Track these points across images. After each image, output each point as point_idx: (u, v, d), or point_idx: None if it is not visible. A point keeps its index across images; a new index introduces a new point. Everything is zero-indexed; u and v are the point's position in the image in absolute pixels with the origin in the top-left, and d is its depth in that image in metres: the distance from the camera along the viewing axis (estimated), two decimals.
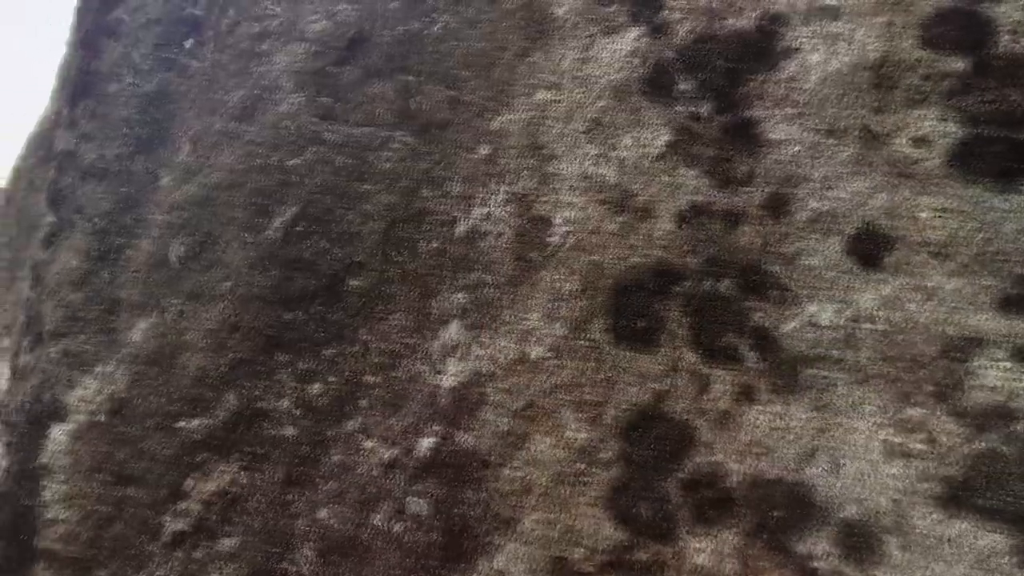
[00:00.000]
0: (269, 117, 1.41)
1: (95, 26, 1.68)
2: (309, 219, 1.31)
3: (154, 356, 1.27)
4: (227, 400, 1.21)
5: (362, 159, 1.35)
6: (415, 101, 1.38)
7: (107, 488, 1.20)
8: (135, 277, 1.36)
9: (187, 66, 1.58)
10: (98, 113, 1.58)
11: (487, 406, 1.11)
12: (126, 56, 1.62)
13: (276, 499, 1.14)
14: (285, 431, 1.17)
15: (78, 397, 1.28)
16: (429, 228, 1.28)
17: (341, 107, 1.41)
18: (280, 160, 1.36)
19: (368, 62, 1.43)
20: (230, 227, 1.33)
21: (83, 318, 1.34)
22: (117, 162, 1.51)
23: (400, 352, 1.20)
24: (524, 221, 1.23)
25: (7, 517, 1.22)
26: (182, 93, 1.55)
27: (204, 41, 1.59)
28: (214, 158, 1.41)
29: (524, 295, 1.17)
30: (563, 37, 1.35)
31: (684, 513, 0.99)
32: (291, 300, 1.27)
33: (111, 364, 1.28)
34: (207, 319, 1.27)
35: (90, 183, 1.51)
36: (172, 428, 1.21)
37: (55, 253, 1.47)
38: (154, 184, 1.46)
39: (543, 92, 1.33)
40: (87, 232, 1.45)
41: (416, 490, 1.09)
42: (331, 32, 1.47)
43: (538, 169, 1.27)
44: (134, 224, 1.43)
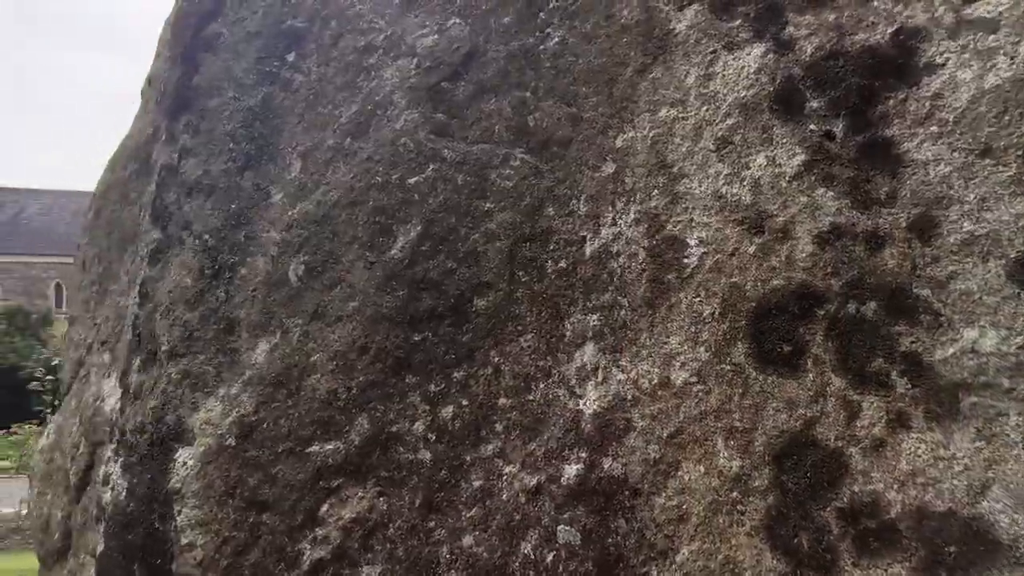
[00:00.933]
0: (385, 134, 1.27)
1: (193, 40, 1.52)
2: (433, 238, 1.17)
3: (280, 378, 1.12)
4: (360, 424, 1.07)
5: (483, 177, 1.22)
6: (533, 118, 1.25)
7: (241, 514, 1.06)
8: (253, 296, 1.22)
9: (291, 80, 1.43)
10: (201, 128, 1.43)
11: (634, 432, 0.99)
12: (227, 70, 1.46)
13: (417, 526, 1.02)
14: (421, 455, 1.05)
15: (203, 420, 1.13)
16: (556, 248, 1.15)
17: (457, 124, 1.28)
18: (400, 178, 1.21)
19: (482, 78, 1.30)
20: (352, 246, 1.19)
21: (201, 338, 1.20)
22: (224, 178, 1.36)
23: (534, 375, 1.08)
24: (657, 241, 1.11)
25: (139, 540, 1.09)
26: (287, 107, 1.40)
27: (307, 54, 1.43)
28: (329, 175, 1.28)
29: (662, 318, 1.05)
30: (685, 53, 1.21)
31: (847, 544, 0.88)
32: (419, 321, 1.13)
33: (235, 386, 1.14)
34: (334, 340, 1.14)
35: (197, 199, 1.37)
36: (304, 453, 1.06)
37: (164, 270, 1.33)
38: (265, 201, 1.32)
39: (667, 109, 1.20)
40: (197, 249, 1.31)
41: (566, 518, 0.97)
42: (443, 47, 1.33)
43: (668, 188, 1.15)
44: (246, 242, 1.29)
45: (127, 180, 1.49)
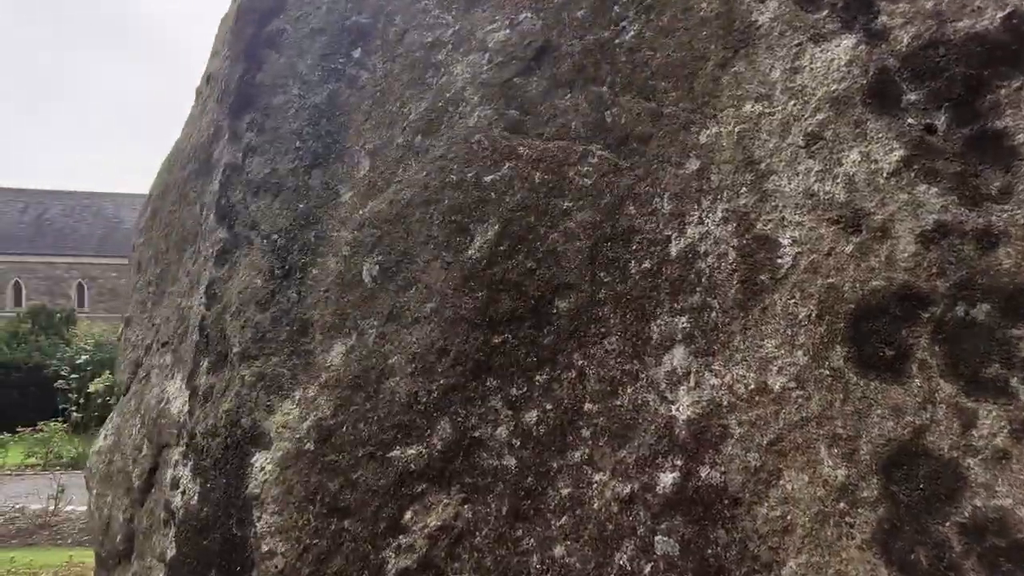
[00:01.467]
0: (458, 131, 1.24)
1: (255, 37, 1.50)
2: (511, 238, 1.13)
3: (358, 381, 1.09)
4: (441, 428, 1.04)
5: (561, 175, 1.18)
6: (610, 113, 1.21)
7: (322, 520, 1.03)
8: (325, 297, 1.19)
9: (356, 77, 1.40)
10: (266, 126, 1.41)
11: (731, 439, 0.95)
12: (291, 67, 1.44)
13: (505, 534, 0.98)
14: (505, 461, 1.01)
15: (280, 423, 1.10)
16: (639, 247, 1.11)
17: (531, 120, 1.24)
18: (476, 176, 1.18)
19: (556, 73, 1.26)
20: (428, 246, 1.16)
21: (274, 339, 1.17)
22: (292, 176, 1.34)
23: (620, 379, 1.04)
24: (747, 241, 1.06)
25: (216, 546, 1.07)
26: (353, 105, 1.38)
27: (372, 51, 1.40)
28: (401, 173, 1.24)
29: (755, 320, 1.00)
30: (769, 46, 1.17)
31: (972, 563, 0.82)
32: (498, 323, 1.09)
33: (312, 388, 1.11)
34: (412, 342, 1.10)
35: (264, 198, 1.34)
36: (386, 457, 1.03)
37: (232, 271, 1.30)
38: (335, 200, 1.29)
39: (752, 104, 1.15)
40: (266, 250, 1.28)
41: (662, 528, 0.93)
42: (515, 42, 1.29)
43: (756, 186, 1.10)
44: (317, 242, 1.26)
45: (185, 180, 1.47)
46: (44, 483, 14.12)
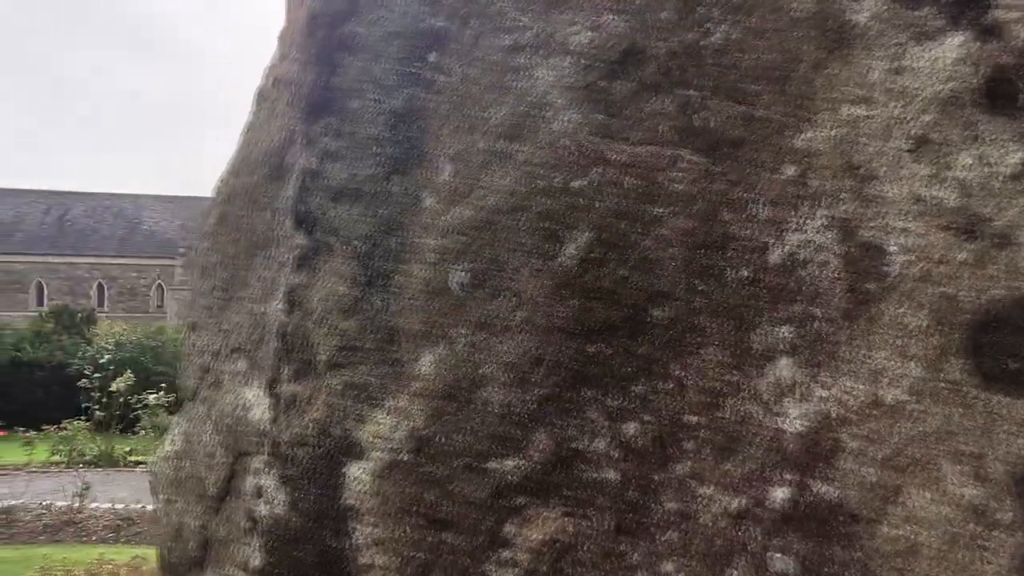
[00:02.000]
0: (543, 135, 1.22)
1: (328, 40, 1.48)
2: (603, 244, 1.10)
3: (450, 390, 1.07)
4: (538, 439, 1.02)
5: (651, 180, 1.15)
6: (699, 117, 1.18)
7: (420, 532, 1.00)
8: (412, 305, 1.18)
9: (433, 80, 1.38)
10: (343, 131, 1.40)
11: (845, 454, 0.92)
12: (367, 71, 1.42)
13: (609, 549, 0.96)
14: (606, 474, 0.99)
15: (372, 433, 1.07)
16: (735, 255, 1.09)
17: (618, 124, 1.22)
18: (564, 182, 1.16)
19: (642, 76, 1.23)
20: (517, 253, 1.14)
21: (361, 347, 1.16)
22: (371, 182, 1.32)
23: (722, 390, 1.01)
24: (851, 248, 1.03)
25: (311, 558, 1.05)
26: (432, 109, 1.36)
27: (449, 54, 1.39)
28: (485, 179, 1.23)
29: (863, 330, 0.97)
30: (867, 46, 1.13)
31: None
32: (593, 332, 1.07)
33: (402, 398, 1.09)
34: (504, 351, 1.08)
35: (343, 204, 1.33)
36: (483, 468, 1.01)
37: (313, 277, 1.29)
38: (416, 206, 1.27)
39: (850, 107, 1.12)
40: (348, 256, 1.27)
41: (777, 545, 0.91)
42: (599, 44, 1.27)
43: (858, 191, 1.07)
44: (400, 248, 1.24)
45: (256, 185, 1.46)
46: (68, 480, 14.31)
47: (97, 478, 12.80)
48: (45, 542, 10.00)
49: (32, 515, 11.01)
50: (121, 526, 10.54)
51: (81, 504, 11.19)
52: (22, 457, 13.94)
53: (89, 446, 15.10)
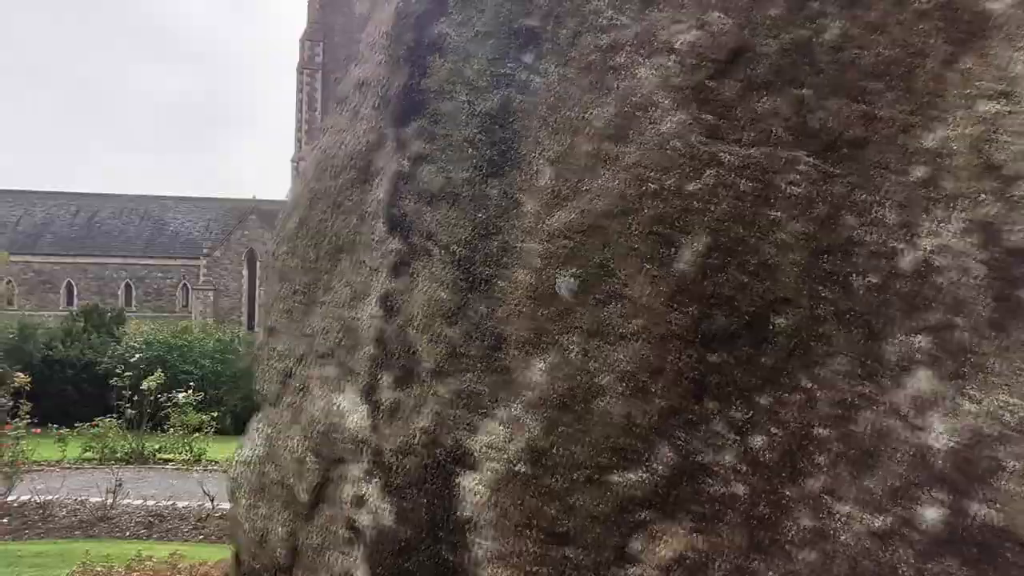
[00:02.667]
0: (650, 137, 1.18)
1: (416, 41, 1.46)
2: (720, 250, 1.06)
3: (564, 400, 1.04)
4: (662, 452, 0.98)
5: (767, 183, 1.11)
6: (815, 117, 1.14)
7: (541, 547, 0.96)
8: (518, 311, 1.15)
9: (528, 82, 1.35)
10: (436, 133, 1.37)
11: (1005, 473, 0.87)
12: (458, 72, 1.40)
13: (742, 567, 0.92)
14: (734, 488, 0.95)
15: (485, 443, 1.03)
16: (861, 260, 1.04)
17: (728, 125, 1.18)
18: (676, 185, 1.12)
19: (752, 75, 1.19)
20: (629, 258, 1.10)
21: (467, 355, 1.13)
22: (468, 186, 1.29)
23: (855, 403, 0.97)
24: (996, 254, 0.98)
25: (426, 571, 1.04)
26: (527, 111, 1.33)
27: (543, 54, 1.36)
28: (589, 182, 1.19)
29: (1017, 342, 0.93)
30: (1007, 36, 1.08)
31: None
32: (713, 340, 1.03)
33: (515, 407, 1.06)
34: (620, 360, 1.05)
35: (440, 208, 1.30)
36: (605, 482, 0.98)
37: (411, 283, 1.27)
38: (516, 209, 1.24)
39: (987, 103, 1.07)
40: (447, 261, 1.24)
41: (931, 569, 0.86)
42: (705, 43, 1.23)
43: (1000, 193, 1.02)
44: (501, 253, 1.21)
45: (340, 189, 1.44)
46: (101, 477, 14.56)
47: (128, 475, 13.01)
48: (80, 537, 10.18)
49: (67, 511, 11.22)
50: (153, 522, 10.70)
51: (114, 500, 11.38)
52: (56, 453, 14.21)
53: (120, 443, 15.36)
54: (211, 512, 10.81)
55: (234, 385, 22.87)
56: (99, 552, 8.93)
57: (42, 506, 11.07)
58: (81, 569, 5.37)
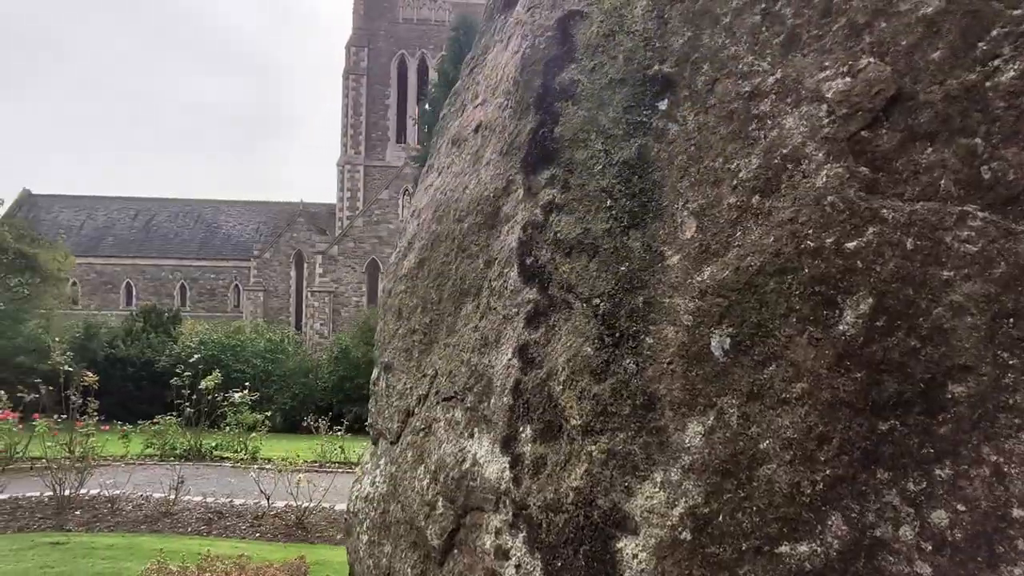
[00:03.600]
0: (804, 191, 1.16)
1: (546, 88, 1.47)
2: (888, 312, 1.04)
3: (726, 466, 1.02)
4: (834, 524, 0.96)
5: (936, 240, 1.07)
6: (988, 169, 1.09)
7: None
8: (669, 370, 1.14)
9: (664, 130, 1.34)
10: (571, 183, 1.38)
11: None
12: (592, 120, 1.39)
13: None
14: (918, 568, 0.91)
15: (644, 508, 1.01)
16: None
17: (887, 179, 1.14)
18: (836, 243, 1.09)
19: (913, 124, 1.15)
20: (788, 319, 1.08)
21: (617, 413, 1.13)
22: (607, 237, 1.29)
23: None
24: None
25: None
26: (665, 160, 1.32)
27: (680, 102, 1.34)
28: (740, 238, 1.18)
29: None
30: None
31: None
32: (882, 408, 1.00)
33: (673, 471, 1.05)
34: (784, 426, 1.03)
35: (578, 259, 1.30)
36: (775, 554, 0.95)
37: (550, 335, 1.27)
38: (660, 263, 1.23)
39: None
40: (589, 315, 1.24)
41: None
42: (859, 91, 1.19)
43: None
44: (647, 308, 1.21)
45: (464, 233, 1.45)
46: (162, 472, 15.10)
47: (187, 471, 13.46)
48: (146, 531, 10.60)
49: (133, 505, 11.70)
50: (212, 519, 11.06)
51: (176, 497, 11.80)
52: (120, 449, 14.81)
53: (179, 440, 15.94)
54: (266, 511, 11.12)
55: (284, 384, 23.48)
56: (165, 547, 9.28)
57: (110, 500, 11.57)
58: (156, 567, 5.59)
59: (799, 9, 1.19)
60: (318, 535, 10.42)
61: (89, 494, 11.68)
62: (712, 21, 1.27)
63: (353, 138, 45.80)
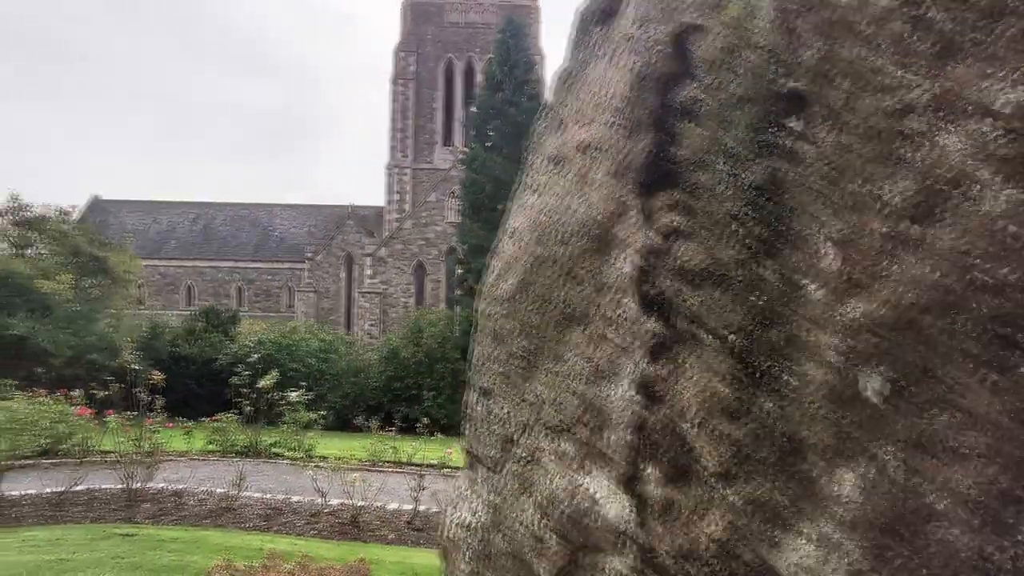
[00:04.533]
0: (970, 219, 1.06)
1: (663, 108, 1.40)
2: None
3: (890, 523, 0.93)
4: None
5: None
6: None
7: None
8: (816, 413, 1.06)
9: (796, 151, 1.26)
10: (694, 208, 1.31)
11: None
12: (714, 140, 1.33)
13: None
14: None
15: (793, 563, 0.93)
16: None
17: None
18: (1017, 277, 1.00)
19: None
20: (958, 361, 0.99)
21: (758, 459, 1.06)
22: (738, 267, 1.22)
23: None
24: None
25: None
26: (799, 184, 1.23)
27: (813, 120, 1.25)
28: (892, 269, 1.09)
29: None
30: None
31: None
32: None
33: (825, 524, 0.97)
34: (958, 481, 0.93)
35: (704, 289, 1.24)
36: None
37: (677, 371, 1.21)
38: (799, 296, 1.16)
39: None
40: (721, 350, 1.17)
41: None
42: None
43: None
44: (787, 345, 1.13)
45: (571, 257, 1.40)
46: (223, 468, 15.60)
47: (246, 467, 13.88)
48: (209, 525, 10.95)
49: (196, 500, 12.13)
50: (270, 515, 11.36)
51: (238, 493, 12.16)
52: (184, 445, 15.39)
53: (239, 437, 16.46)
54: (321, 508, 11.34)
55: (335, 383, 24.01)
56: (227, 542, 9.57)
57: (176, 494, 12.02)
58: (224, 564, 5.74)
59: (955, 13, 1.08)
60: (371, 534, 10.57)
61: (156, 488, 12.17)
62: (848, 31, 1.18)
63: (401, 141, 46.54)
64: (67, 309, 23.25)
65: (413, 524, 10.62)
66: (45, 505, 11.19)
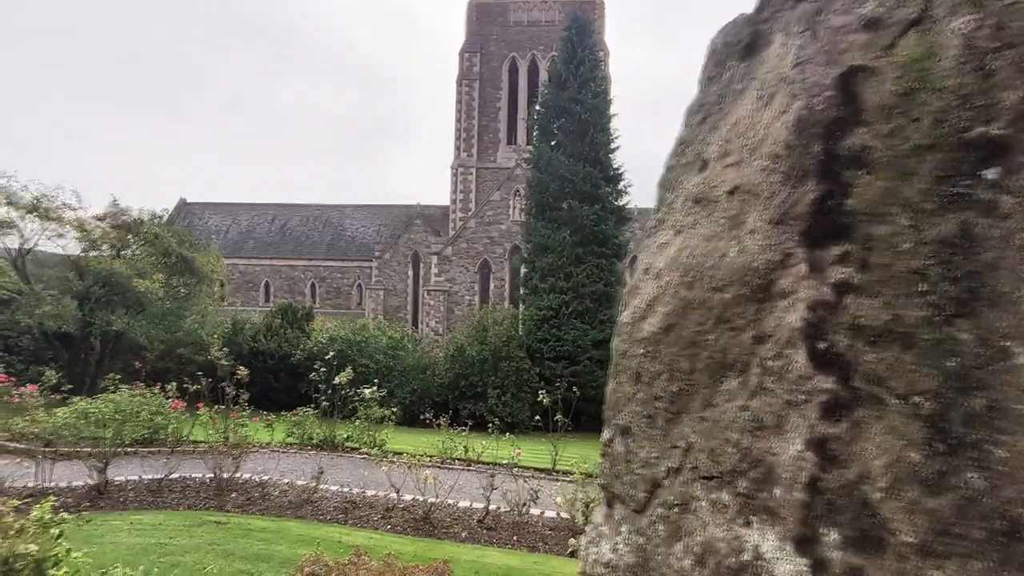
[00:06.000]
0: None
1: (829, 154, 1.37)
2: None
3: None
4: None
5: None
6: None
7: None
8: None
9: (994, 203, 1.19)
10: (871, 262, 1.27)
11: None
12: (893, 191, 1.28)
13: None
14: None
15: None
16: None
17: None
18: None
19: None
20: None
21: (965, 536, 1.02)
22: (927, 328, 1.17)
23: None
24: None
25: None
26: (997, 238, 1.17)
27: (1014, 169, 1.19)
28: None
29: None
30: None
31: None
32: None
33: None
34: None
35: (887, 350, 1.20)
36: None
37: (855, 432, 1.18)
38: (1004, 361, 1.10)
39: None
40: (908, 415, 1.13)
41: None
42: None
43: None
44: (989, 413, 1.09)
45: (725, 304, 1.37)
46: (301, 460, 16.25)
47: (324, 461, 14.43)
48: (291, 516, 11.45)
49: (279, 491, 12.71)
50: (347, 508, 11.76)
51: (317, 485, 12.64)
52: (266, 436, 16.18)
53: (316, 431, 17.14)
54: (395, 504, 11.65)
55: (404, 380, 24.59)
56: (309, 533, 9.99)
57: (261, 485, 12.64)
58: (313, 558, 6.00)
59: None
60: (443, 531, 10.78)
61: (243, 478, 12.84)
62: None
63: (466, 141, 47.09)
64: (159, 307, 24.87)
65: (484, 523, 10.76)
66: (145, 491, 12.03)
